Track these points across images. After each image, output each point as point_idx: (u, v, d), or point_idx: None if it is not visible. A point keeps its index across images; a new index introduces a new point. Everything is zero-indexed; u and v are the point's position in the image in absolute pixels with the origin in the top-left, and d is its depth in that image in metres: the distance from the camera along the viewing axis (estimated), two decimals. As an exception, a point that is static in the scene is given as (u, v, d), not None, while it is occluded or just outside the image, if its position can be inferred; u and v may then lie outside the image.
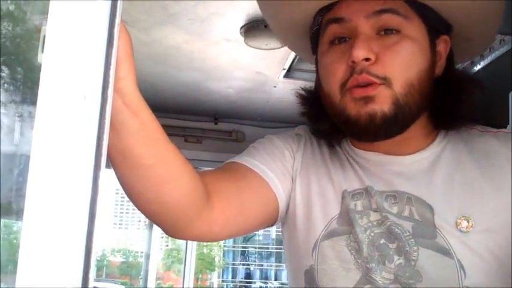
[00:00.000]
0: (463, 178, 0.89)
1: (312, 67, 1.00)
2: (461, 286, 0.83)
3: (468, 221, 0.85)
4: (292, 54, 2.11)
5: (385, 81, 0.84)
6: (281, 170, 0.97)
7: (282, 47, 1.97)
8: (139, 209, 0.82)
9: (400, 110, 0.85)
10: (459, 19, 0.92)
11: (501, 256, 0.84)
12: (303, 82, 2.49)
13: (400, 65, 0.85)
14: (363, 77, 0.84)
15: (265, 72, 2.35)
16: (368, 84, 0.84)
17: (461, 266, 0.83)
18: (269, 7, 1.00)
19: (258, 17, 1.81)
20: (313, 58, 1.02)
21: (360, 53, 0.83)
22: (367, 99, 0.84)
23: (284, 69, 2.28)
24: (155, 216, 0.84)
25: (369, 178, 0.93)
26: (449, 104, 0.91)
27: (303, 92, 1.03)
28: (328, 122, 0.96)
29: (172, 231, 0.87)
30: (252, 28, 1.87)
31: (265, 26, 1.84)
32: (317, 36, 0.95)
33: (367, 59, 0.83)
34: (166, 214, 0.82)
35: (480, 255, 0.84)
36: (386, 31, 0.86)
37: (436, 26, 0.90)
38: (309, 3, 0.92)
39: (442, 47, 0.93)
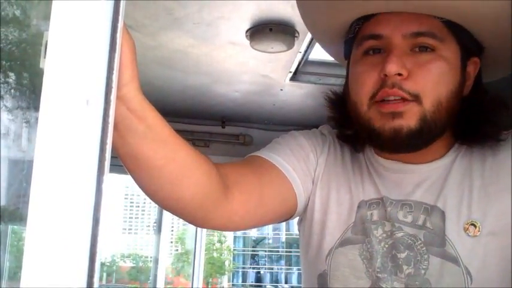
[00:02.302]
0: (472, 183, 0.90)
1: (319, 70, 1.00)
2: None
3: (475, 226, 0.87)
4: (298, 57, 2.11)
5: (416, 98, 0.85)
6: (303, 171, 0.99)
7: (287, 50, 1.97)
8: (158, 205, 0.85)
9: (426, 126, 0.86)
10: (492, 41, 0.92)
11: (505, 258, 0.85)
12: (310, 85, 2.49)
13: (431, 83, 0.85)
14: (394, 91, 0.85)
15: (271, 75, 2.35)
16: (397, 100, 0.85)
17: (468, 272, 0.85)
18: (308, 14, 1.00)
19: (263, 20, 1.81)
20: (344, 61, 1.02)
21: (393, 67, 0.83)
22: (395, 114, 0.85)
23: (290, 72, 2.27)
24: (174, 211, 0.86)
25: (387, 187, 0.95)
26: (475, 124, 0.92)
27: (331, 95, 1.03)
28: (353, 128, 0.97)
29: (193, 222, 0.91)
30: (258, 31, 1.86)
31: (271, 30, 1.84)
32: (351, 42, 0.95)
33: (399, 74, 0.84)
34: (183, 209, 0.84)
35: (486, 259, 0.86)
36: (421, 48, 0.87)
37: (469, 47, 0.91)
38: (349, 12, 0.92)
39: (472, 68, 0.93)
